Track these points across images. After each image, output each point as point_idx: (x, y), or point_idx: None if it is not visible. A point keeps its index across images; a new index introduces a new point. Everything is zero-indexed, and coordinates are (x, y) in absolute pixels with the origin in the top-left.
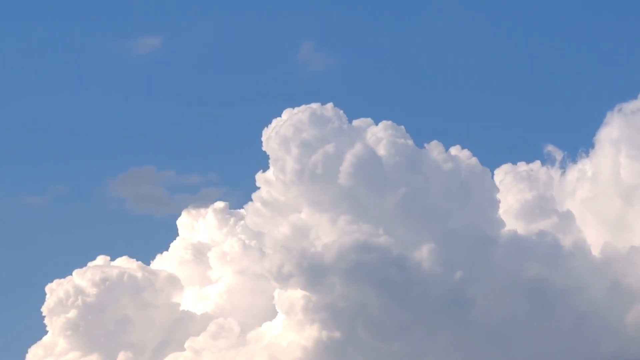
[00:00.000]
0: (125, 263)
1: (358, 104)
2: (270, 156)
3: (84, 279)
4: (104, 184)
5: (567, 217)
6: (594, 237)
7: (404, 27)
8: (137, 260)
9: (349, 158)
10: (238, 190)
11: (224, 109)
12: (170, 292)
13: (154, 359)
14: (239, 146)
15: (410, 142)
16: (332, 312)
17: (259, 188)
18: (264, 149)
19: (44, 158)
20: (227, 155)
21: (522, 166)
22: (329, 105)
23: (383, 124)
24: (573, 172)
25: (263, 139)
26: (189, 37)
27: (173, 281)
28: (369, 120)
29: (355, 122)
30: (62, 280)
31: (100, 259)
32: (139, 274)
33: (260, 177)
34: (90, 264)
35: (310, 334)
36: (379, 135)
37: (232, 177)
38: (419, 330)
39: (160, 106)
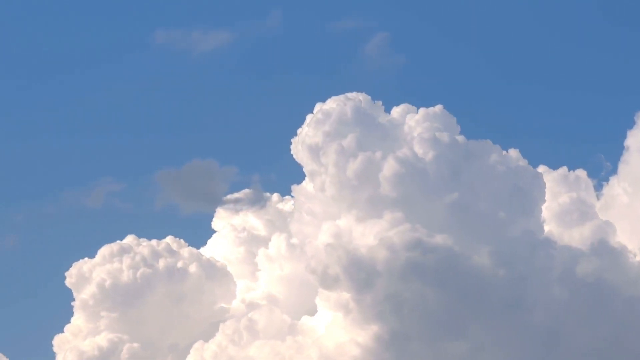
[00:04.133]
0: (177, 247)
1: (410, 102)
2: (303, 167)
3: (122, 265)
4: (163, 176)
5: (594, 219)
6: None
7: (477, 29)
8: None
9: (391, 163)
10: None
11: (290, 105)
12: (217, 282)
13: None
14: None
15: (461, 137)
16: (387, 311)
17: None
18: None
19: (105, 150)
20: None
21: (561, 170)
22: (362, 95)
23: (431, 112)
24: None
25: (292, 151)
26: (258, 31)
27: (221, 272)
28: (409, 106)
29: (396, 111)
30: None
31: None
32: (187, 262)
33: (296, 189)
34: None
35: (365, 332)
36: (425, 132)
37: (292, 177)
38: (477, 330)
39: (225, 101)
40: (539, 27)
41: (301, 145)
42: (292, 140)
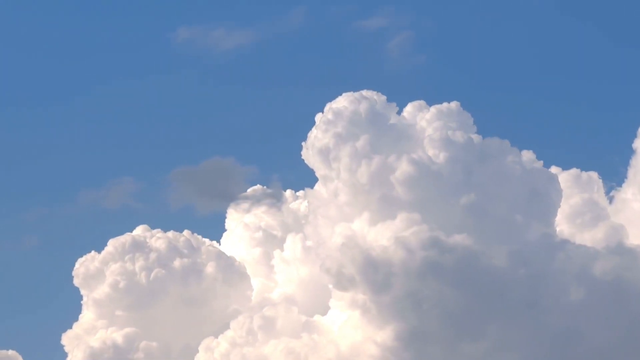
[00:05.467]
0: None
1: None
2: (315, 172)
3: (137, 264)
4: (179, 173)
5: (607, 220)
6: None
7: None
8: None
9: (405, 165)
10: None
11: (313, 105)
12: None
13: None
14: None
15: (477, 137)
16: (403, 310)
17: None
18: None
19: (124, 150)
20: None
21: (573, 171)
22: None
23: (446, 109)
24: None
25: (303, 156)
26: (280, 29)
27: (238, 272)
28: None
29: (409, 110)
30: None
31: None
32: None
33: (310, 193)
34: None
35: (383, 332)
36: (439, 132)
37: (312, 177)
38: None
39: (246, 100)
40: (554, 31)
41: (312, 150)
42: (302, 144)
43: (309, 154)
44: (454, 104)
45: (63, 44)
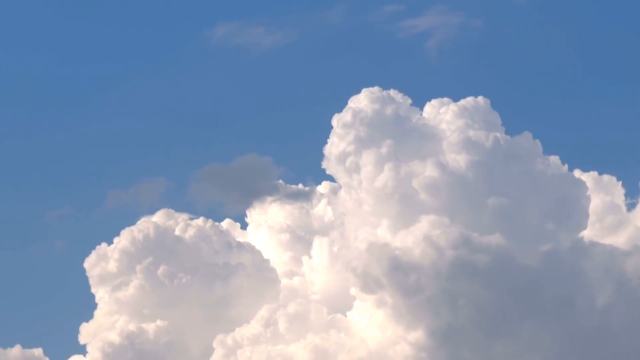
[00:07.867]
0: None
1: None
2: (336, 179)
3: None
4: (209, 170)
5: (631, 221)
6: None
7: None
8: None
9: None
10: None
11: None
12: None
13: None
14: None
15: (501, 135)
16: (434, 309)
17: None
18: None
19: (162, 145)
20: None
21: (592, 173)
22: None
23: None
24: None
25: (323, 165)
26: (320, 28)
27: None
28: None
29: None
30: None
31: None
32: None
33: (334, 200)
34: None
35: (410, 331)
36: (465, 133)
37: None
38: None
39: (283, 98)
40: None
41: (331, 158)
42: (323, 151)
43: (329, 164)
44: (481, 100)
45: (96, 41)
